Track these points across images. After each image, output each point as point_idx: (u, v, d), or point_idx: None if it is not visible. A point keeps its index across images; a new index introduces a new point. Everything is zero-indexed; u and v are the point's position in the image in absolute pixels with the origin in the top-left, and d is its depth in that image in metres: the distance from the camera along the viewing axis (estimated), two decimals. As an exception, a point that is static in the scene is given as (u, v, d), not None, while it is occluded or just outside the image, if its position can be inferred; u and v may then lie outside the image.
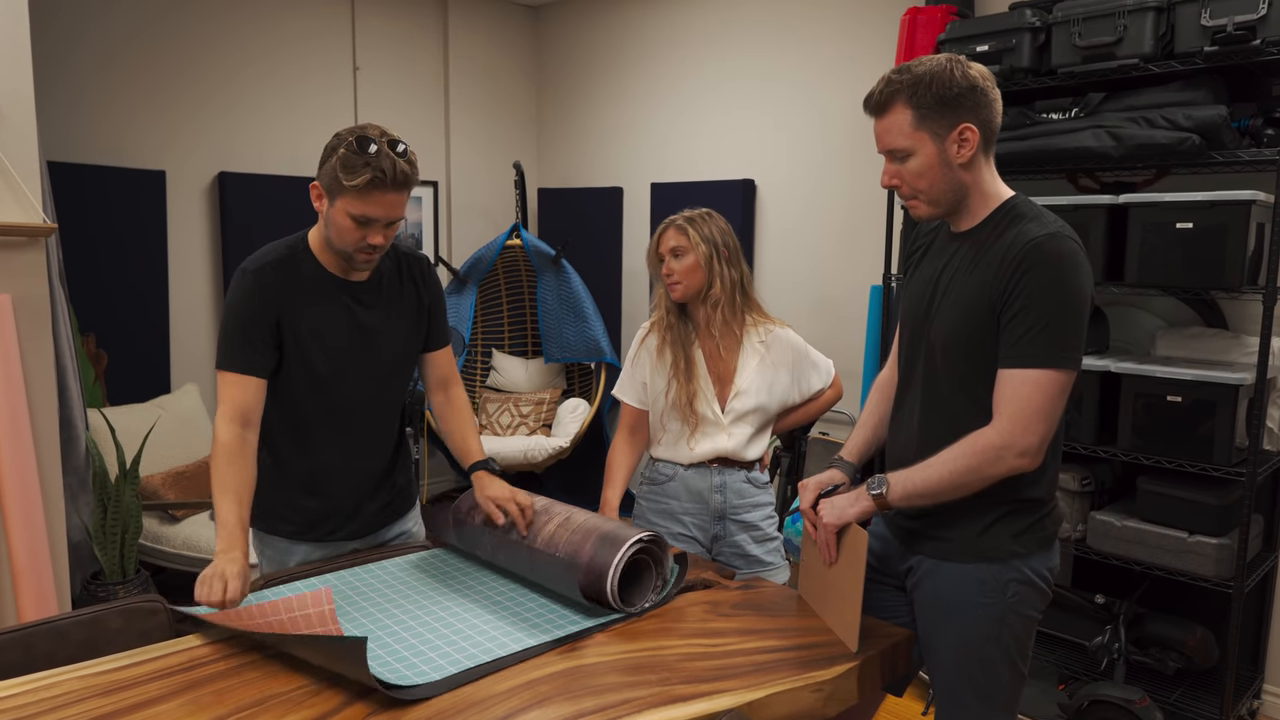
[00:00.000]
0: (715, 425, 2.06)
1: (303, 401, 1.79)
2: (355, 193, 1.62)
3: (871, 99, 1.51)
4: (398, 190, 1.64)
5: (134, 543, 2.87)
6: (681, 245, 2.03)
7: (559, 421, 4.32)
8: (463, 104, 4.70)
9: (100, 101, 3.61)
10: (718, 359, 2.08)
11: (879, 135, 1.52)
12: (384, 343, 1.82)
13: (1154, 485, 2.51)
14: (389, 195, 1.63)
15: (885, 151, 1.52)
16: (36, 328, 2.38)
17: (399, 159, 1.63)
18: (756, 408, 2.07)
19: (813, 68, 3.79)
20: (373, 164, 1.61)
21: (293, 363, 1.76)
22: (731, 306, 2.06)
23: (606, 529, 1.64)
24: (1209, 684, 2.64)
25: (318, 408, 1.80)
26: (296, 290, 1.74)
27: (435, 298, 1.90)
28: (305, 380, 1.77)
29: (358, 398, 1.82)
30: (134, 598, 1.64)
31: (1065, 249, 1.41)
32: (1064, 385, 1.43)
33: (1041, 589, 1.53)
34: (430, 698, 1.33)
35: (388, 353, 1.83)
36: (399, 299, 1.84)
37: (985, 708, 1.55)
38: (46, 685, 1.36)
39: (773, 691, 1.38)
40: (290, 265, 1.75)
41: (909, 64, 1.49)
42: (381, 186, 1.62)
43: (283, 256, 1.76)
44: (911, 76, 1.46)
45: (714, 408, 2.06)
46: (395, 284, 1.84)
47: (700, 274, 2.03)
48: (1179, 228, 2.40)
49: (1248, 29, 2.28)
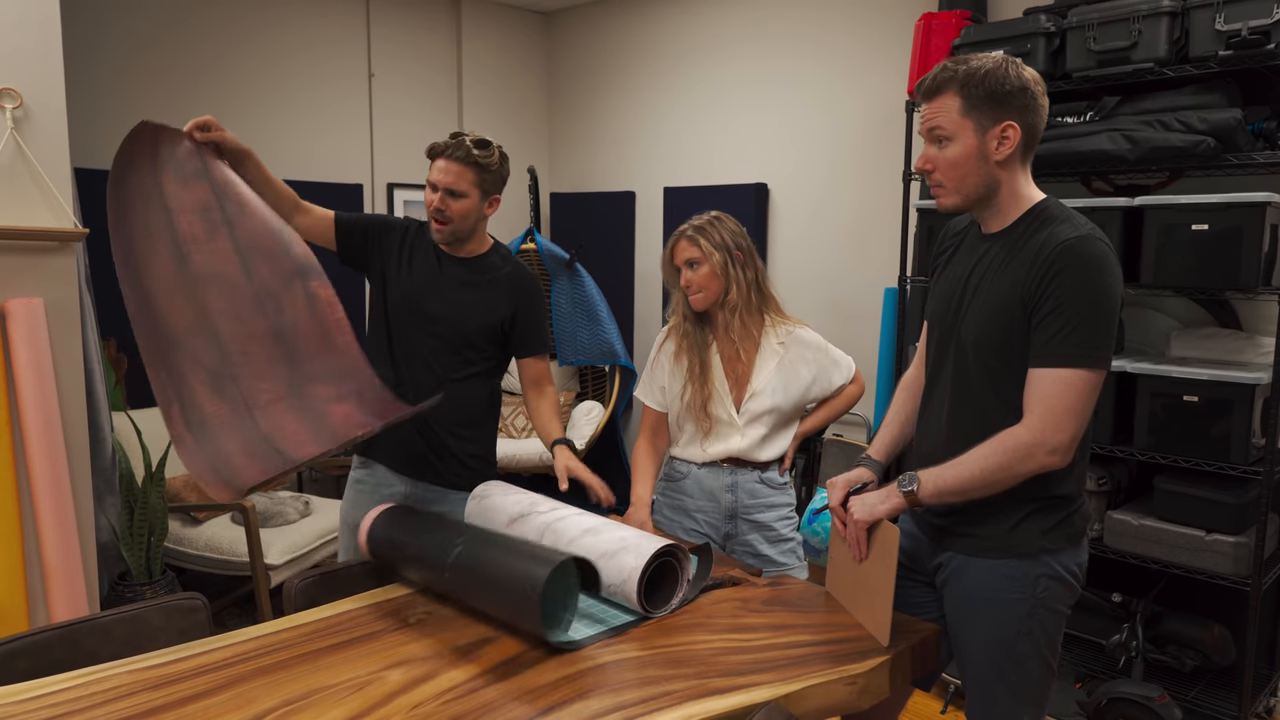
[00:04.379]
0: (730, 426, 2.09)
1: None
2: (429, 161, 2.09)
3: (924, 83, 1.54)
4: (449, 158, 2.05)
5: (160, 544, 2.90)
6: (695, 256, 2.05)
7: (573, 424, 4.35)
8: (476, 110, 4.74)
9: (121, 107, 3.65)
10: (735, 361, 2.10)
11: (925, 117, 1.55)
12: (448, 310, 2.14)
13: (1171, 484, 2.53)
14: (442, 161, 2.06)
15: (926, 132, 1.55)
16: (66, 331, 2.41)
17: (461, 137, 2.07)
18: (772, 408, 2.09)
19: (826, 72, 3.82)
20: (441, 140, 2.08)
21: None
22: (749, 309, 2.08)
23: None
24: (1226, 682, 2.66)
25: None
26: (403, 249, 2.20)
27: (526, 312, 2.19)
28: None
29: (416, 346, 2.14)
30: (175, 595, 1.68)
31: (1097, 251, 1.44)
32: (1094, 384, 1.45)
33: (1071, 584, 1.56)
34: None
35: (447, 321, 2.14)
36: (486, 290, 2.15)
37: (1016, 702, 1.58)
38: (97, 679, 1.39)
39: (808, 684, 1.40)
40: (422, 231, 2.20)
41: (966, 56, 1.53)
42: (440, 154, 2.06)
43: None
44: (967, 68, 1.49)
45: (729, 409, 2.08)
46: (491, 280, 2.16)
47: (718, 281, 2.05)
48: (1194, 229, 2.43)
49: (1262, 33, 2.31)
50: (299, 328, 1.83)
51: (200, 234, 1.86)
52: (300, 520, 3.34)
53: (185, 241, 1.87)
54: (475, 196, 2.08)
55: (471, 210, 2.09)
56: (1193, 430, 2.45)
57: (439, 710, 1.30)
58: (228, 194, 1.87)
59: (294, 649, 1.49)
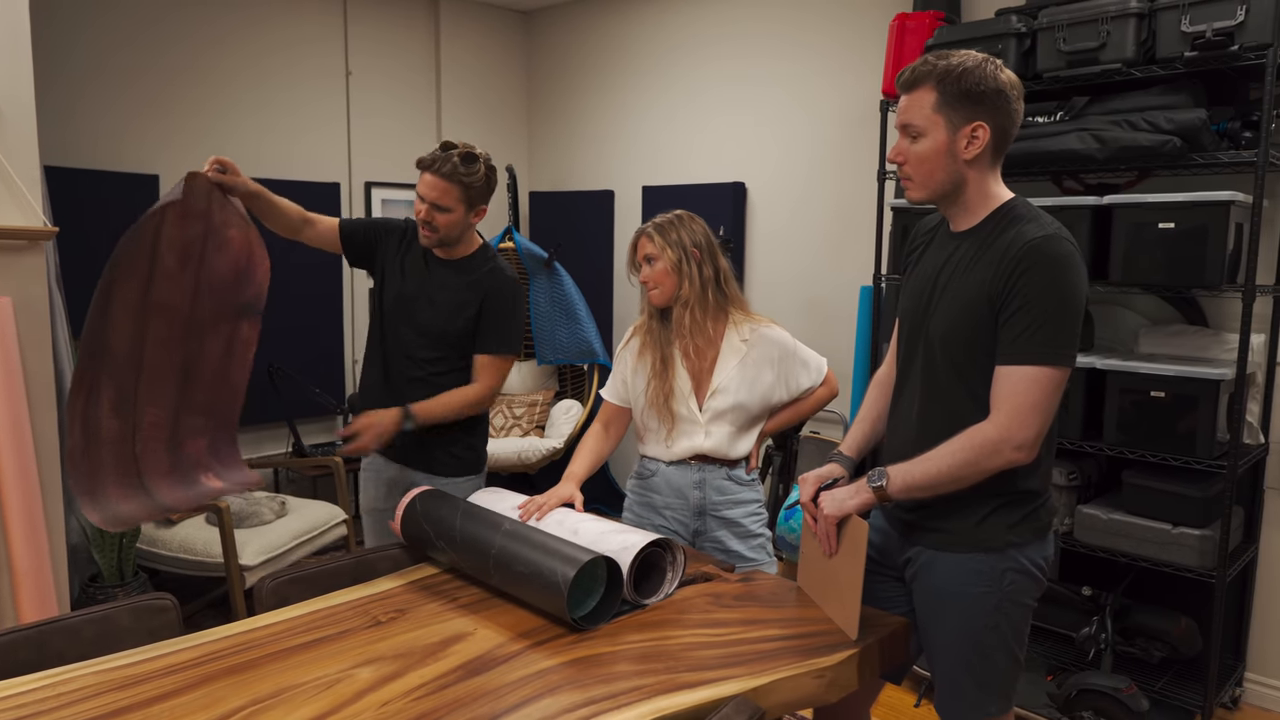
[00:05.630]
0: (692, 423, 2.10)
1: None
2: (418, 173, 2.19)
3: (904, 75, 1.56)
4: (435, 174, 2.13)
5: (132, 545, 2.88)
6: (652, 251, 2.09)
7: (552, 423, 4.35)
8: (454, 109, 4.73)
9: (95, 106, 3.62)
10: (694, 358, 2.10)
11: (900, 110, 1.57)
12: (423, 308, 2.26)
13: (1139, 479, 2.57)
14: (429, 176, 2.15)
15: (901, 126, 1.57)
16: (36, 331, 2.39)
17: (449, 150, 2.14)
18: (735, 406, 2.09)
19: (803, 72, 3.84)
20: (429, 152, 2.17)
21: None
22: (703, 306, 2.08)
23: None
24: (1193, 672, 2.70)
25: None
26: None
27: (486, 310, 2.25)
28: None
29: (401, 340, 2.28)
30: (144, 595, 1.67)
31: (1063, 250, 1.46)
32: (1059, 382, 1.47)
33: (1037, 578, 1.58)
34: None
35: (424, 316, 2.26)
36: (466, 291, 2.24)
37: (983, 694, 1.60)
38: (63, 680, 1.38)
39: (776, 678, 1.42)
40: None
41: (948, 52, 1.54)
42: (426, 168, 2.15)
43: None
44: (946, 64, 1.51)
45: (690, 406, 2.09)
46: (471, 281, 2.25)
47: (671, 277, 2.07)
48: (1161, 228, 2.47)
49: (1226, 34, 2.35)
50: (207, 360, 1.97)
51: (173, 269, 1.94)
52: (276, 520, 3.32)
53: (158, 275, 1.94)
54: (460, 210, 2.20)
55: (457, 222, 2.20)
56: (1160, 425, 2.49)
57: (408, 708, 1.31)
58: (215, 235, 1.96)
59: (263, 648, 1.49)
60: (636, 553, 1.64)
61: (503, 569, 1.67)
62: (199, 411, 1.99)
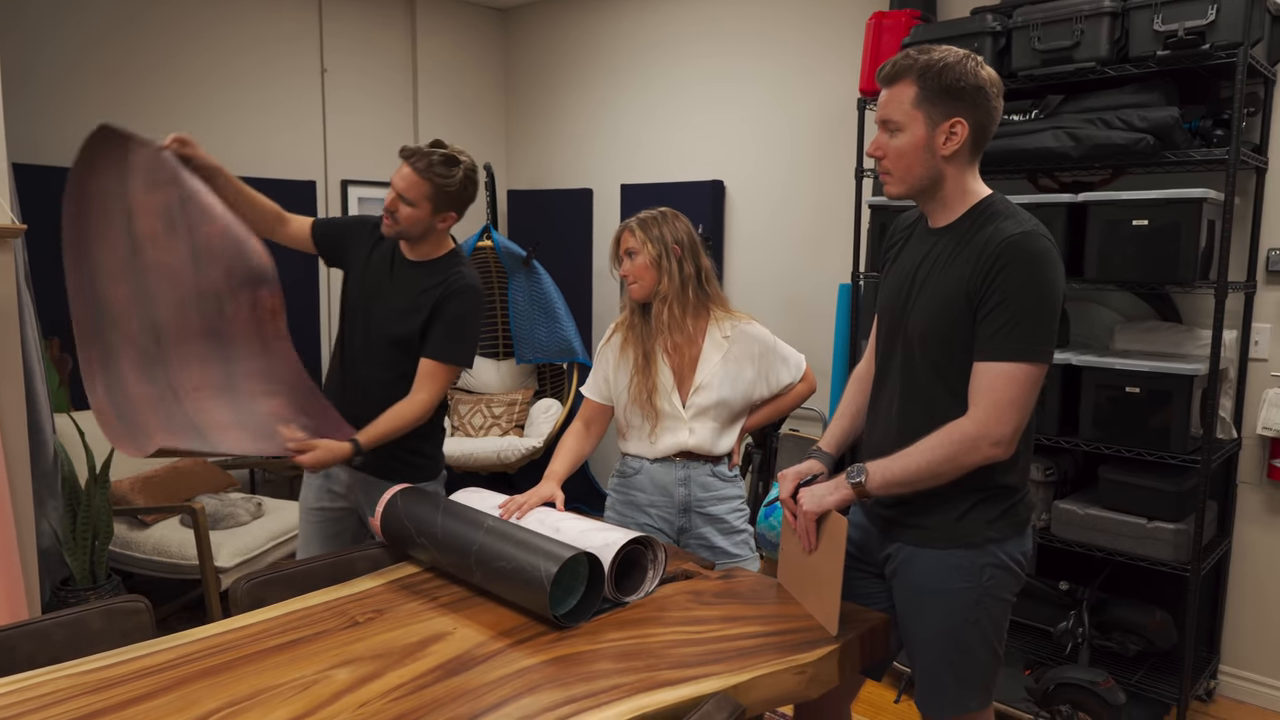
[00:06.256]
0: (676, 420, 2.10)
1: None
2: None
3: (884, 69, 1.56)
4: (411, 166, 2.11)
5: (104, 548, 2.83)
6: (633, 246, 2.09)
7: (532, 422, 4.33)
8: (431, 106, 4.70)
9: (68, 104, 3.56)
10: (676, 354, 2.11)
11: (881, 104, 1.57)
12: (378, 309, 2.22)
13: (1114, 474, 2.59)
14: (405, 167, 2.12)
15: (880, 121, 1.57)
16: (4, 331, 2.34)
17: (435, 149, 2.12)
18: (718, 402, 2.10)
19: (781, 70, 3.85)
20: (413, 144, 2.16)
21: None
22: (682, 302, 2.08)
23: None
24: (1168, 665, 2.73)
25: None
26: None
27: (436, 316, 2.17)
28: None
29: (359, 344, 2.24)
30: (116, 598, 1.64)
31: (1040, 247, 1.47)
32: (1036, 378, 1.48)
33: (1016, 573, 1.59)
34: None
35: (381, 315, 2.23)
36: (423, 296, 2.18)
37: (963, 689, 1.60)
38: (33, 685, 1.35)
39: (756, 675, 1.41)
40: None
41: (930, 46, 1.54)
42: (405, 158, 2.13)
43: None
44: (927, 58, 1.51)
45: (673, 401, 2.09)
46: (430, 286, 2.18)
47: (651, 273, 2.07)
48: (1135, 225, 2.49)
49: (1197, 34, 2.38)
50: (236, 331, 1.90)
51: (159, 233, 1.90)
52: (252, 522, 3.28)
53: (142, 238, 1.90)
54: (426, 209, 2.13)
55: (420, 219, 2.14)
56: (1135, 421, 2.51)
57: (386, 708, 1.29)
58: (193, 201, 1.90)
59: (239, 649, 1.47)
60: (618, 549, 1.64)
61: (484, 566, 1.66)
62: (257, 377, 1.91)
